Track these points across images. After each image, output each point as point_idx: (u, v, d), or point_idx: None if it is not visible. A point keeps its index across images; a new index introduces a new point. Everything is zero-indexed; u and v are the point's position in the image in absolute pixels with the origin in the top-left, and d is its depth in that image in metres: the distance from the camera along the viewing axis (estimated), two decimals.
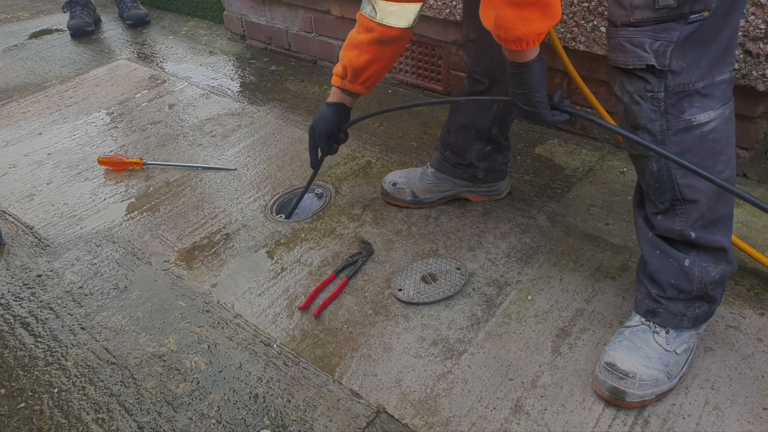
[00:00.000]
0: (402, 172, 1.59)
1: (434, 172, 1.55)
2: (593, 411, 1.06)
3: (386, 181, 1.58)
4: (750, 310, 1.24)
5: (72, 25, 2.82)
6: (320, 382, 1.15)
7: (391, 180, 1.57)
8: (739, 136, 1.55)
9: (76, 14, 2.87)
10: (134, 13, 2.92)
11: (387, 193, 1.57)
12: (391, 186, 1.56)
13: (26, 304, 1.36)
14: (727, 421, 1.03)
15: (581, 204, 1.57)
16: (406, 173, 1.58)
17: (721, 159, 0.97)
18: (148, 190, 1.72)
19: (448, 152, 1.51)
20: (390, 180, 1.57)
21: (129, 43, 2.75)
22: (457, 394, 1.11)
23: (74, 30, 2.82)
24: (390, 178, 1.58)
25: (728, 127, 0.96)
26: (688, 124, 0.94)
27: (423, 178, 1.55)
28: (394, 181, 1.56)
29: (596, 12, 1.58)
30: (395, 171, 1.61)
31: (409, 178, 1.57)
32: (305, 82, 2.30)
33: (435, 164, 1.55)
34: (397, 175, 1.58)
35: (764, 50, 1.39)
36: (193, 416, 1.10)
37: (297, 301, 1.33)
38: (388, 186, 1.57)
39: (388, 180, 1.58)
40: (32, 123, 2.10)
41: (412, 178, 1.56)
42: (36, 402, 1.14)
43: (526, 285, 1.33)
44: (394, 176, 1.58)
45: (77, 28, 2.82)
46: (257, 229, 1.55)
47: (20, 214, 1.64)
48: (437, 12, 1.88)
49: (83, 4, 2.89)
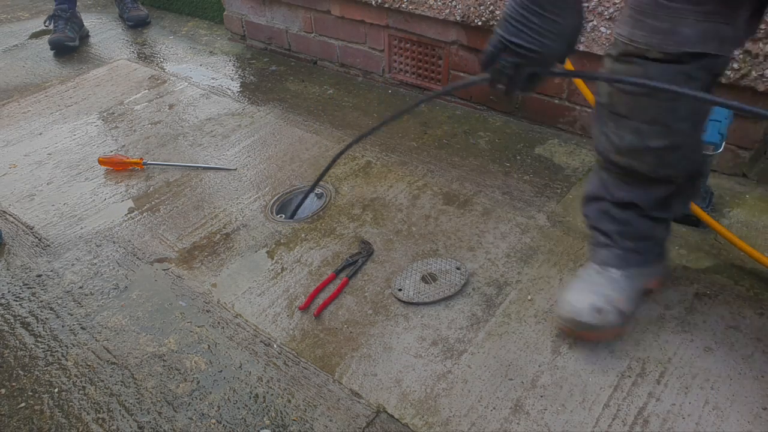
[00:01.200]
0: (581, 292, 1.14)
1: (622, 272, 1.17)
2: (593, 411, 1.06)
3: (578, 310, 1.11)
4: (750, 310, 1.24)
5: (52, 40, 2.63)
6: (320, 381, 1.15)
7: (587, 306, 1.11)
8: (738, 136, 1.56)
9: (59, 28, 2.68)
10: (134, 14, 2.89)
11: (593, 326, 1.11)
12: (596, 314, 1.11)
13: (26, 304, 1.36)
14: (727, 421, 1.03)
15: (581, 204, 1.57)
16: (591, 290, 1.14)
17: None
18: (148, 190, 1.72)
19: (628, 242, 1.17)
20: (585, 307, 1.11)
21: (129, 43, 2.75)
22: (457, 393, 1.11)
23: (54, 45, 2.63)
24: (582, 305, 1.11)
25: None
26: None
27: (616, 286, 1.15)
28: (595, 305, 1.11)
29: (596, 12, 1.58)
30: (570, 294, 1.15)
31: (602, 294, 1.13)
32: (305, 82, 2.30)
33: (616, 262, 1.18)
34: (583, 297, 1.13)
35: (764, 50, 1.39)
36: (193, 416, 1.10)
37: (297, 301, 1.33)
38: (591, 316, 1.11)
39: (581, 307, 1.11)
40: (32, 123, 2.10)
41: (604, 292, 1.14)
42: (36, 402, 1.14)
43: (526, 285, 1.33)
44: (582, 301, 1.12)
45: (57, 43, 2.62)
46: (257, 229, 1.55)
47: (20, 214, 1.65)
48: (437, 12, 1.88)
49: (67, 18, 2.70)
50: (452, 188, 1.65)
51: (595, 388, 1.10)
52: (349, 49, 2.27)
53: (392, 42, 2.12)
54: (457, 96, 2.07)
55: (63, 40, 2.63)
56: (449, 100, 2.10)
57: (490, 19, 1.78)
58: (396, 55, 2.15)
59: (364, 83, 2.27)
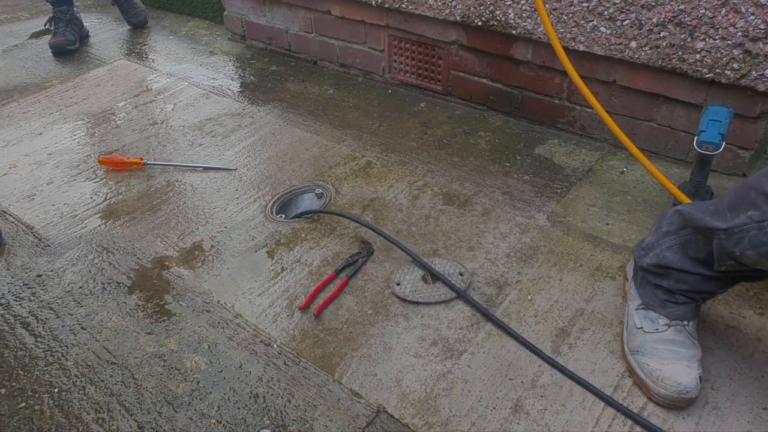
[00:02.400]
0: (680, 365, 1.05)
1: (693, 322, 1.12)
2: (593, 411, 1.06)
3: (690, 389, 1.03)
4: (750, 310, 1.24)
5: (53, 44, 2.63)
6: (320, 381, 1.15)
7: (695, 380, 1.03)
8: (738, 135, 1.56)
9: (59, 31, 2.67)
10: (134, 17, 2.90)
11: (697, 394, 1.04)
12: (700, 382, 1.04)
13: (26, 304, 1.36)
14: (727, 421, 1.03)
15: (581, 204, 1.57)
16: (689, 357, 1.06)
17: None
18: (148, 190, 1.72)
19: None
20: (693, 382, 1.03)
21: (129, 44, 2.75)
22: (457, 393, 1.11)
23: (55, 49, 2.63)
24: (692, 383, 1.03)
25: None
26: None
27: (695, 341, 1.10)
28: (700, 376, 1.04)
29: (596, 12, 1.58)
30: (671, 371, 1.05)
31: (695, 359, 1.07)
32: (305, 82, 2.30)
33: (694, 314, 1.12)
34: (688, 371, 1.04)
35: (764, 50, 1.39)
36: (193, 416, 1.10)
37: (297, 301, 1.33)
38: (698, 387, 1.03)
39: (692, 386, 1.03)
40: (32, 123, 2.10)
41: (696, 356, 1.07)
42: (36, 402, 1.14)
43: (526, 285, 1.33)
44: (689, 374, 1.04)
45: (58, 47, 2.63)
46: (257, 229, 1.55)
47: (21, 214, 1.65)
48: (437, 12, 1.88)
49: (67, 21, 2.69)
50: (452, 188, 1.65)
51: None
52: (349, 49, 2.27)
53: (392, 42, 2.12)
54: (457, 96, 2.07)
55: (64, 44, 2.63)
56: (449, 100, 2.10)
57: (490, 19, 1.78)
58: (396, 55, 2.15)
59: (364, 83, 2.27)
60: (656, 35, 1.52)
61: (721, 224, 0.95)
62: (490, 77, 1.95)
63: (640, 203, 1.56)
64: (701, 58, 1.48)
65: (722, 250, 0.96)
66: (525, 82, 1.88)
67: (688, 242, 1.06)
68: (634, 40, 1.56)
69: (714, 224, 0.96)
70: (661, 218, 1.14)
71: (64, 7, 2.70)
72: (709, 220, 0.98)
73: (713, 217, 0.98)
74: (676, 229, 1.08)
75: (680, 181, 1.61)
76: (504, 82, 1.93)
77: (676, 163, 1.71)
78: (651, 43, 1.54)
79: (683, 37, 1.49)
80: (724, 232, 0.94)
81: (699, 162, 1.43)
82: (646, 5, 1.51)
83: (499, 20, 1.77)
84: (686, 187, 1.50)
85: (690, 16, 1.46)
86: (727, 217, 0.95)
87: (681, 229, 1.07)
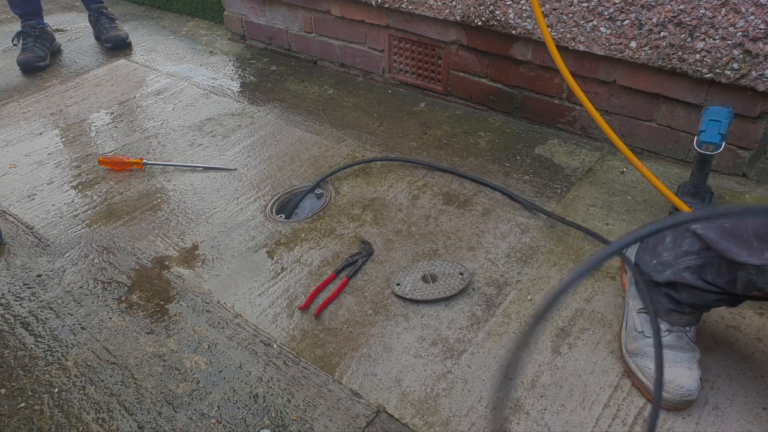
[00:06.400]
0: (682, 368, 1.05)
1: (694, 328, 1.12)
2: (593, 411, 1.06)
3: (692, 391, 1.03)
4: (750, 310, 1.24)
5: (21, 60, 2.45)
6: (320, 381, 1.15)
7: (696, 382, 1.04)
8: (738, 136, 1.56)
9: (27, 46, 2.49)
10: (113, 35, 2.63)
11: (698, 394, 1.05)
12: (701, 383, 1.06)
13: (26, 304, 1.36)
14: (727, 421, 1.03)
15: (581, 204, 1.57)
16: (688, 359, 1.07)
17: None
18: (148, 190, 1.72)
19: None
20: (695, 384, 1.04)
21: (129, 44, 2.74)
22: (457, 393, 1.11)
23: (23, 66, 2.45)
24: (693, 385, 1.03)
25: None
26: None
27: (694, 345, 1.10)
28: (700, 377, 1.05)
29: (596, 12, 1.58)
30: (674, 373, 1.04)
31: (695, 361, 1.08)
32: (305, 82, 2.30)
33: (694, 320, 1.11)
34: (689, 374, 1.04)
35: (764, 50, 1.39)
36: (193, 416, 1.10)
37: (297, 301, 1.33)
38: (699, 388, 1.04)
39: (694, 388, 1.03)
40: (32, 123, 2.10)
41: (696, 358, 1.08)
42: (36, 402, 1.14)
43: (526, 285, 1.33)
44: (690, 377, 1.04)
45: (26, 64, 2.44)
46: (257, 229, 1.55)
47: (21, 214, 1.65)
48: (437, 12, 1.88)
49: (36, 36, 2.51)
50: (452, 188, 1.65)
51: (595, 388, 1.10)
52: (349, 49, 2.27)
53: (392, 42, 2.12)
54: (457, 96, 2.07)
55: (33, 60, 2.46)
56: (449, 100, 2.10)
57: (490, 19, 1.78)
58: (396, 55, 2.15)
59: (364, 83, 2.27)
60: (656, 35, 1.52)
61: (752, 260, 0.89)
62: (490, 77, 1.95)
63: (640, 203, 1.56)
64: (701, 58, 1.48)
65: (751, 283, 0.92)
66: (525, 82, 1.88)
67: (708, 264, 1.00)
68: (634, 40, 1.56)
69: (743, 259, 0.90)
70: (678, 235, 1.07)
71: (33, 21, 2.54)
72: (737, 253, 0.91)
73: (740, 248, 0.91)
74: (697, 249, 1.02)
75: (680, 181, 1.61)
76: (504, 82, 1.93)
77: (676, 163, 1.71)
78: (651, 43, 1.54)
79: (683, 37, 1.49)
80: (756, 268, 0.89)
81: (699, 162, 1.43)
82: (646, 5, 1.51)
83: (499, 20, 1.77)
84: (686, 187, 1.50)
85: (690, 16, 1.46)
86: (755, 249, 0.88)
87: (702, 251, 1.01)
